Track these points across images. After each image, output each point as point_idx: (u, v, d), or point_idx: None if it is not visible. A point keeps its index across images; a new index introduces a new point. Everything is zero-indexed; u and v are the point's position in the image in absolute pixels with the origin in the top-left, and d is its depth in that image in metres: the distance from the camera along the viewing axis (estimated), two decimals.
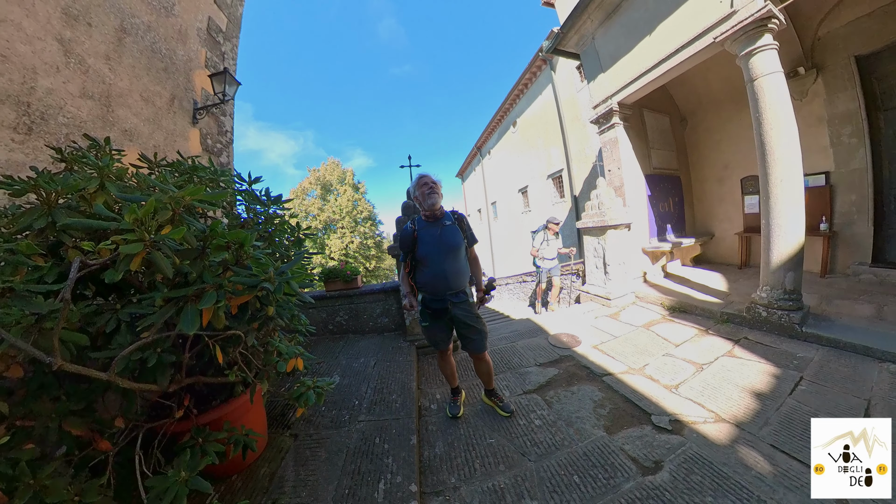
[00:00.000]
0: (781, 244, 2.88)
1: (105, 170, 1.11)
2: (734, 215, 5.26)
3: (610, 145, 4.78)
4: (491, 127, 14.88)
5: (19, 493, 0.91)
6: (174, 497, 1.07)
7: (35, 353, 0.91)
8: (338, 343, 3.66)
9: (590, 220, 4.53)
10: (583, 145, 8.83)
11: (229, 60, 4.23)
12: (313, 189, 23.42)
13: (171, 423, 1.39)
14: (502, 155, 14.53)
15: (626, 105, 4.59)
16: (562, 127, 9.52)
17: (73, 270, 0.96)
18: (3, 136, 1.95)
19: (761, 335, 2.94)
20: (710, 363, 2.61)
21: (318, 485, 1.67)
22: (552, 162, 10.52)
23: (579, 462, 1.77)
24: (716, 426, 1.91)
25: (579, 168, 9.08)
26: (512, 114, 13.07)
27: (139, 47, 2.97)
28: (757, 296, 3.11)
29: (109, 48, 2.67)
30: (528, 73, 10.85)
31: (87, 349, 1.14)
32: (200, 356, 1.56)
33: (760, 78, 2.87)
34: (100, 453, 1.16)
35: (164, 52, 3.24)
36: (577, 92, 8.83)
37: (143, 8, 3.03)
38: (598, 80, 4.77)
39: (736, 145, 5.02)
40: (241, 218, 1.97)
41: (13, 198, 1.07)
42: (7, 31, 1.99)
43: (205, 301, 1.01)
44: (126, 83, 2.81)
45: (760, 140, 2.93)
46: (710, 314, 3.50)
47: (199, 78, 3.66)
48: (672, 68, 3.70)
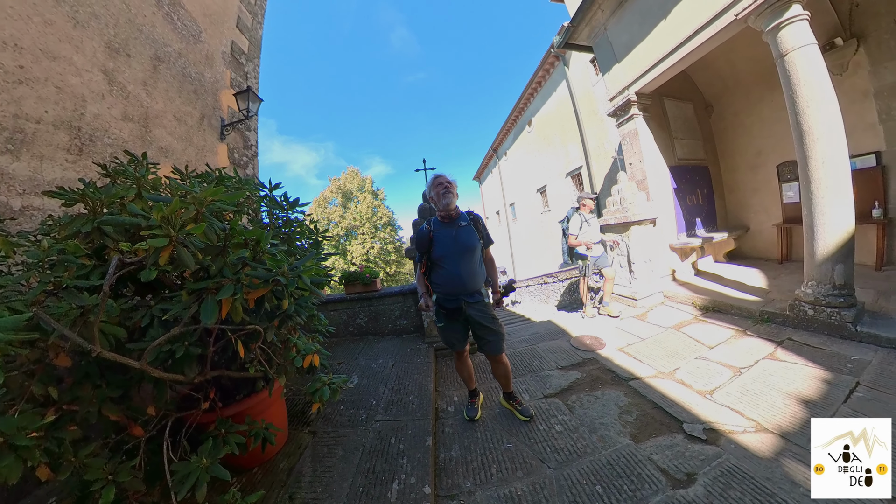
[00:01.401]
0: (827, 234, 2.61)
1: (141, 180, 1.23)
2: (771, 205, 4.84)
3: (629, 138, 4.59)
4: (506, 128, 14.81)
5: (62, 469, 1.00)
6: (195, 482, 1.13)
7: (78, 340, 1.02)
8: (358, 344, 3.74)
9: (611, 217, 4.36)
10: (601, 140, 8.56)
11: (252, 79, 4.57)
12: (334, 197, 24.38)
13: (197, 414, 1.48)
14: (519, 155, 14.39)
15: (645, 95, 4.40)
16: (578, 123, 9.29)
17: (112, 267, 1.07)
18: (59, 157, 2.23)
19: (808, 336, 2.66)
20: (750, 367, 2.39)
21: (333, 482, 1.69)
22: (570, 159, 10.27)
23: (603, 471, 1.66)
24: (757, 436, 1.73)
25: (599, 164, 8.78)
26: (527, 113, 12.94)
27: (172, 73, 3.28)
28: (801, 292, 2.82)
29: (146, 75, 2.98)
30: (541, 71, 10.73)
31: (124, 341, 1.25)
32: (224, 351, 1.65)
33: (791, 52, 2.64)
34: (133, 438, 1.25)
35: (193, 76, 3.56)
36: (592, 86, 8.60)
37: (174, 37, 3.36)
38: (613, 71, 4.63)
39: (769, 129, 4.64)
40: (263, 222, 2.09)
41: (65, 207, 1.21)
42: (61, 67, 2.28)
43: (223, 292, 1.08)
44: (161, 105, 3.11)
45: (796, 120, 2.68)
46: (747, 314, 3.22)
47: (225, 97, 3.99)
48: (691, 52, 3.50)
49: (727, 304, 3.43)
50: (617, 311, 3.90)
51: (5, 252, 1.05)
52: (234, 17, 4.32)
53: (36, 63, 2.15)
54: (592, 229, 4.01)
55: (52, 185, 2.15)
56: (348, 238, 23.24)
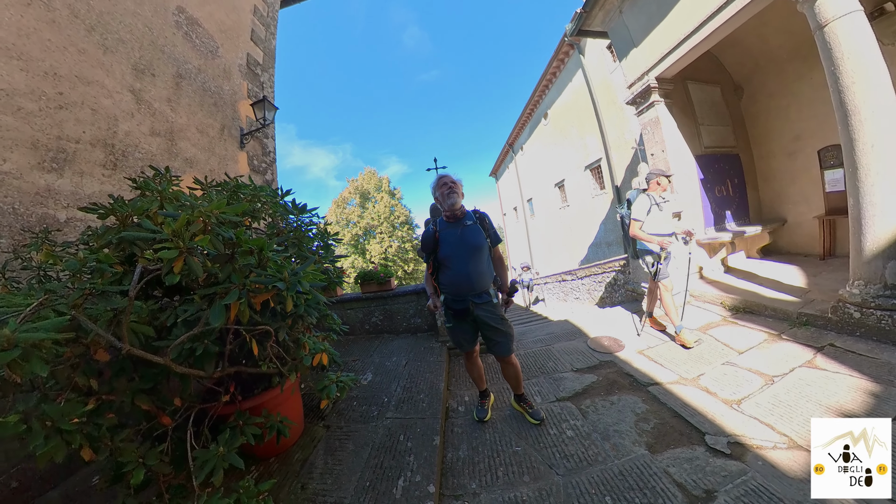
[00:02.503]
0: (877, 226, 2.33)
1: (164, 193, 1.36)
2: (812, 195, 4.37)
3: (650, 126, 4.33)
4: (521, 122, 14.48)
5: (100, 451, 1.14)
6: (213, 469, 1.24)
7: (110, 339, 1.15)
8: (373, 342, 3.85)
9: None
10: (621, 130, 8.16)
11: (268, 89, 4.84)
12: (353, 198, 25.10)
13: (218, 406, 1.61)
14: (535, 149, 14.04)
15: (667, 79, 4.11)
16: (597, 113, 8.91)
17: (137, 274, 1.20)
18: (96, 172, 2.49)
19: (853, 342, 2.39)
20: (784, 375, 2.20)
21: (343, 475, 1.78)
22: (589, 152, 9.89)
23: (614, 481, 1.60)
24: (789, 454, 1.58)
25: (619, 156, 8.37)
26: (542, 105, 12.59)
27: (193, 88, 3.54)
28: (846, 292, 2.54)
29: (170, 92, 3.24)
30: (556, 61, 10.38)
31: (153, 339, 1.39)
32: (242, 348, 1.78)
33: (832, 22, 2.37)
34: (162, 426, 1.39)
35: (213, 90, 3.82)
36: (609, 73, 8.21)
37: (194, 54, 3.62)
38: (630, 56, 4.37)
39: (809, 110, 4.17)
40: (280, 227, 2.22)
41: (100, 220, 1.37)
42: (94, 90, 2.54)
43: (229, 297, 1.18)
44: (185, 119, 3.36)
45: (839, 99, 2.41)
46: (783, 315, 2.95)
47: (243, 107, 4.25)
48: (717, 29, 3.22)
49: (760, 305, 3.17)
50: (694, 339, 2.79)
51: (53, 262, 1.21)
52: (247, 30, 4.59)
53: (73, 89, 2.40)
54: (664, 216, 3.01)
55: (91, 199, 2.41)
56: (367, 237, 23.87)
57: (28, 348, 0.87)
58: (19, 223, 2.03)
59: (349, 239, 23.20)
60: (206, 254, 1.18)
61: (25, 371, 0.87)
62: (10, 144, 2.02)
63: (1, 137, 1.99)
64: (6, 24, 2.09)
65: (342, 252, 21.82)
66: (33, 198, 2.12)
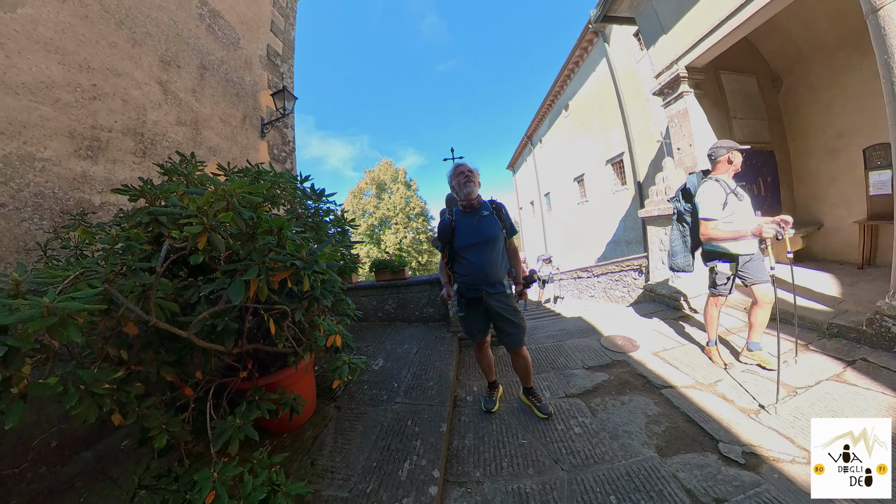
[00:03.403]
0: None
1: (189, 177, 1.41)
2: (853, 198, 4.05)
3: (678, 119, 4.11)
4: (541, 113, 14.09)
5: (129, 416, 1.22)
6: (229, 438, 1.31)
7: (139, 312, 1.21)
8: (385, 329, 3.92)
9: (654, 208, 4.00)
10: (646, 123, 7.81)
11: (287, 79, 4.90)
12: (369, 189, 25.37)
13: (236, 381, 1.69)
14: (555, 142, 13.68)
15: (697, 69, 3.87)
16: (621, 105, 8.53)
17: (164, 251, 1.25)
18: (127, 160, 2.63)
19: (889, 358, 2.23)
20: (809, 388, 2.09)
21: (351, 454, 1.83)
22: (611, 145, 9.53)
23: (619, 481, 1.58)
24: (808, 469, 1.50)
25: (643, 150, 8.03)
26: (563, 96, 12.19)
27: (216, 79, 3.64)
28: (885, 304, 2.37)
29: (194, 83, 3.35)
30: (579, 50, 9.97)
31: (178, 315, 1.46)
32: (260, 327, 1.85)
33: (888, 5, 2.16)
34: (184, 397, 1.47)
35: (235, 80, 3.92)
36: (636, 62, 7.81)
37: (216, 46, 3.71)
38: (659, 43, 4.13)
39: (856, 104, 3.83)
40: (299, 212, 2.27)
41: (130, 202, 1.44)
42: (125, 82, 2.66)
43: (249, 273, 1.22)
44: (208, 110, 3.48)
45: (892, 91, 2.21)
46: (812, 325, 2.80)
47: (263, 98, 4.34)
48: (756, 13, 2.98)
49: (788, 313, 2.98)
50: (774, 361, 2.09)
51: (88, 240, 1.28)
52: (267, 21, 4.66)
53: (105, 81, 2.52)
54: (744, 207, 2.26)
55: (122, 184, 2.54)
56: (382, 228, 24.15)
57: (65, 317, 0.92)
58: (59, 206, 2.18)
59: (365, 229, 23.57)
60: (229, 232, 1.22)
61: (63, 337, 0.93)
62: (49, 133, 2.15)
63: (42, 127, 2.11)
64: (45, 20, 2.20)
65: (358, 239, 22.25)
66: (71, 183, 2.25)
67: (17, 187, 1.98)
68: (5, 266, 1.89)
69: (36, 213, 2.05)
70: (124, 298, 1.18)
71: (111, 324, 1.28)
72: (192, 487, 1.23)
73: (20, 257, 1.94)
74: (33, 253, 1.92)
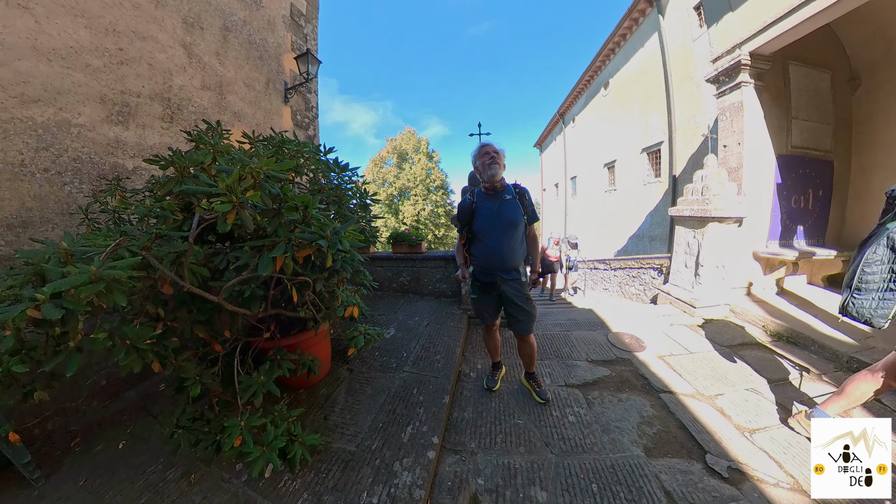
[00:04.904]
0: None
1: (216, 146, 1.42)
2: None
3: (730, 113, 3.65)
4: (577, 89, 12.95)
5: (167, 366, 1.37)
6: (253, 393, 1.46)
7: (174, 277, 1.31)
8: (399, 301, 4.07)
9: (686, 208, 3.71)
10: (693, 112, 7.04)
11: (311, 41, 4.63)
12: (390, 158, 24.83)
13: (260, 340, 1.84)
14: (588, 122, 12.69)
15: (763, 56, 3.35)
16: (667, 88, 7.66)
17: (195, 222, 1.31)
18: (156, 125, 2.64)
19: None
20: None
21: (360, 414, 2.01)
22: (650, 132, 8.73)
23: (603, 472, 1.67)
24: (790, 495, 1.51)
25: (685, 142, 7.33)
26: (604, 73, 11.07)
27: (239, 41, 3.49)
28: None
29: (218, 45, 3.23)
30: (628, 21, 8.82)
31: (208, 280, 1.56)
32: (283, 293, 1.96)
33: None
34: (214, 352, 1.63)
35: (258, 42, 3.74)
36: (692, 41, 6.84)
37: (239, 6, 3.51)
38: (723, 22, 3.57)
39: None
40: (321, 183, 2.28)
41: (161, 170, 1.48)
42: (149, 45, 2.59)
43: (276, 250, 1.28)
44: (232, 73, 3.37)
45: None
46: (831, 355, 2.63)
47: (287, 61, 4.16)
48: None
49: (808, 338, 2.83)
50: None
51: (125, 207, 1.35)
52: None
53: (131, 44, 2.47)
54: None
55: (153, 150, 2.59)
56: (401, 198, 23.95)
57: (110, 282, 1.01)
58: (95, 171, 2.26)
59: (384, 198, 23.44)
60: (256, 207, 1.25)
61: (109, 300, 1.02)
62: (82, 99, 2.17)
63: (75, 93, 2.13)
64: None
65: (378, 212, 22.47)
66: (105, 148, 2.32)
67: (56, 153, 2.05)
68: (52, 227, 2.04)
69: (76, 178, 2.15)
70: (160, 265, 1.27)
71: (149, 283, 1.39)
72: (221, 431, 1.40)
73: (65, 219, 2.08)
74: (76, 216, 2.04)
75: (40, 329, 0.97)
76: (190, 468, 1.63)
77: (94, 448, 1.84)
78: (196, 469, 1.62)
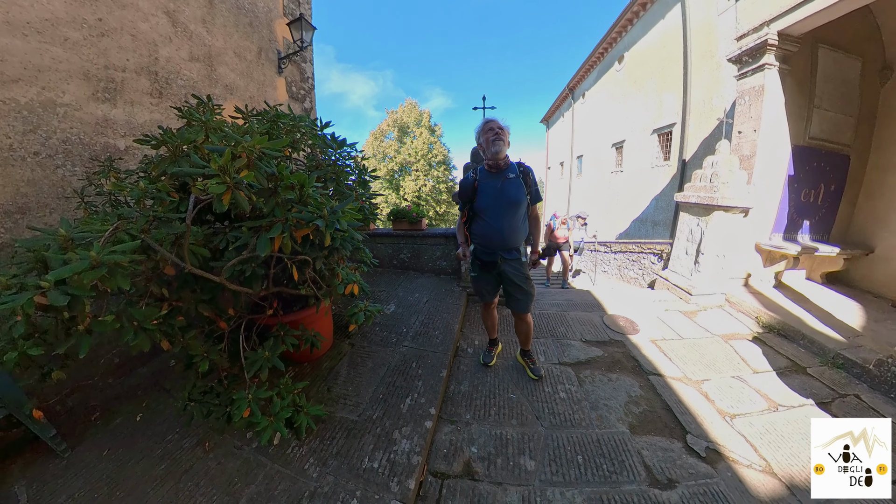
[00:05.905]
0: None
1: (208, 123, 1.36)
2: None
3: (750, 96, 3.41)
4: (589, 62, 12.14)
5: (175, 344, 1.43)
6: (259, 367, 1.53)
7: (174, 259, 1.32)
8: (399, 277, 4.12)
9: (693, 195, 3.60)
10: (710, 93, 6.63)
11: (304, 5, 4.25)
12: (391, 131, 23.81)
13: (264, 318, 1.90)
14: (599, 98, 12.04)
15: (792, 37, 3.07)
16: (686, 65, 7.15)
17: (191, 203, 1.29)
18: (145, 101, 2.50)
19: (883, 402, 2.12)
20: (791, 408, 2.09)
21: (362, 385, 2.12)
22: (663, 112, 8.29)
23: (589, 446, 1.77)
24: (761, 476, 1.60)
25: (698, 124, 6.97)
26: (619, 46, 10.33)
27: (227, 6, 3.21)
28: None
29: (204, 12, 2.97)
30: None
31: (209, 260, 1.57)
32: (284, 271, 1.98)
33: None
34: (220, 330, 1.69)
35: (247, 7, 3.44)
36: (717, 16, 6.29)
37: None
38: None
39: None
40: (319, 159, 2.21)
41: (153, 150, 1.44)
42: (131, 14, 2.38)
43: (273, 231, 1.28)
44: (221, 42, 3.14)
45: None
46: (818, 349, 2.67)
47: (279, 27, 3.85)
48: None
49: (798, 332, 2.86)
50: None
51: (120, 189, 1.33)
52: None
53: (110, 14, 2.27)
54: None
55: (143, 128, 2.48)
56: (402, 174, 23.29)
57: (112, 267, 1.02)
58: (87, 153, 2.18)
59: (384, 174, 22.71)
60: (251, 187, 1.23)
61: (112, 284, 1.04)
62: (64, 77, 2.04)
63: (56, 70, 2.00)
64: None
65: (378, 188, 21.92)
66: (94, 128, 2.21)
67: (45, 135, 1.97)
68: (49, 211, 2.01)
69: (68, 160, 2.08)
70: (160, 247, 1.28)
71: (151, 265, 1.40)
72: (231, 403, 1.49)
73: (61, 203, 2.04)
74: (72, 200, 1.98)
75: (49, 314, 1.00)
76: (204, 436, 1.75)
77: (113, 421, 1.97)
78: (210, 437, 1.75)
